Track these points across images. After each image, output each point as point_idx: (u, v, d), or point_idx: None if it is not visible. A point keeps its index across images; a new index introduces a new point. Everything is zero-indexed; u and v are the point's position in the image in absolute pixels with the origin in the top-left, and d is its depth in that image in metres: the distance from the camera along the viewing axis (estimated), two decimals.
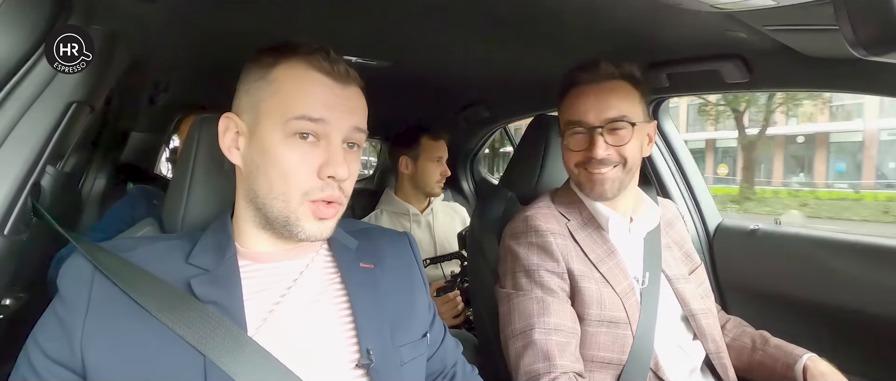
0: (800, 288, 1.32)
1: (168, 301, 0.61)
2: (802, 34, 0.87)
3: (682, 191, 1.63)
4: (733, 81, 1.12)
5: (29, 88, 0.69)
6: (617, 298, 0.95)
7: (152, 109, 1.67)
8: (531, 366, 0.89)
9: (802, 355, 0.98)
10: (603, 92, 0.98)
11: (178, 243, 0.69)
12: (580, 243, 1.00)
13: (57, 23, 0.69)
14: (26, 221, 0.77)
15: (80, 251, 0.63)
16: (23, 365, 0.59)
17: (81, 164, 1.60)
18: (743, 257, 1.47)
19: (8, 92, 0.68)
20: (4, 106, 0.67)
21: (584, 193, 1.04)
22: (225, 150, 0.69)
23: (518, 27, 1.06)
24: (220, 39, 1.20)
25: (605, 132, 0.96)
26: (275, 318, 0.66)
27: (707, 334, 1.01)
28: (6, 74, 0.67)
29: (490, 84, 1.73)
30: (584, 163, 0.99)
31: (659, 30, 1.02)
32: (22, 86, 0.68)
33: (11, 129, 0.68)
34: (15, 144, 0.68)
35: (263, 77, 0.67)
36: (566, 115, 1.02)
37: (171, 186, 0.81)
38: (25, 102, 0.69)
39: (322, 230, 0.68)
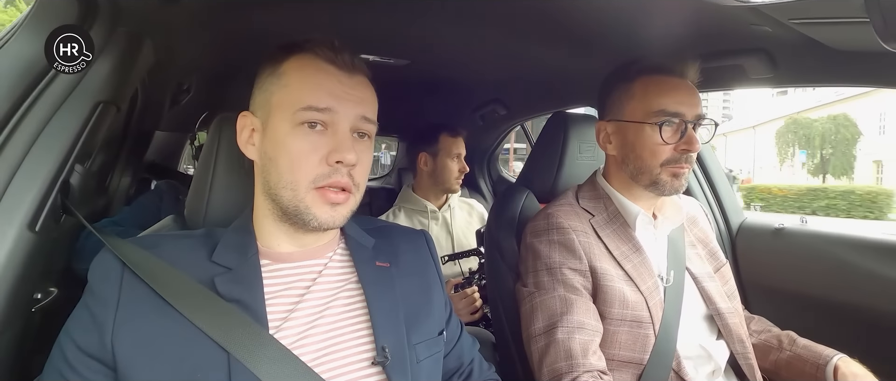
0: (827, 288, 1.29)
1: (193, 298, 0.62)
2: (830, 27, 0.84)
3: (704, 188, 1.61)
4: (757, 76, 1.09)
5: (58, 88, 0.71)
6: (640, 297, 0.93)
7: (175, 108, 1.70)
8: (554, 365, 0.88)
9: (833, 355, 0.96)
10: (690, 86, 0.96)
11: (201, 240, 0.70)
12: (604, 240, 0.98)
13: (84, 25, 0.71)
14: (56, 217, 0.79)
15: (108, 248, 0.65)
16: (57, 357, 0.61)
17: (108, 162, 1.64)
18: (767, 256, 1.44)
19: (39, 93, 0.70)
20: (35, 106, 0.70)
21: (655, 189, 0.97)
22: (242, 146, 0.72)
23: (537, 25, 1.05)
24: (240, 40, 1.22)
25: (696, 127, 0.94)
26: (294, 317, 0.67)
27: (733, 334, 0.99)
28: (37, 76, 0.69)
29: (507, 82, 1.72)
30: (674, 159, 0.94)
31: (682, 25, 1.00)
32: (51, 87, 0.70)
33: (42, 128, 0.70)
34: (46, 143, 0.71)
35: (274, 73, 0.70)
36: (655, 104, 0.94)
37: (193, 183, 0.82)
38: (55, 102, 0.71)
39: (335, 218, 0.68)
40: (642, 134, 0.95)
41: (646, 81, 0.97)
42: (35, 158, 0.70)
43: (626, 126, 0.98)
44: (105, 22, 0.72)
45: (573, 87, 1.57)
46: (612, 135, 1.02)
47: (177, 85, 1.55)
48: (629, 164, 0.98)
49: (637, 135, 0.96)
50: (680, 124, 0.93)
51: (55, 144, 0.71)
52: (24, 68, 0.68)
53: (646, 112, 0.95)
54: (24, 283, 0.72)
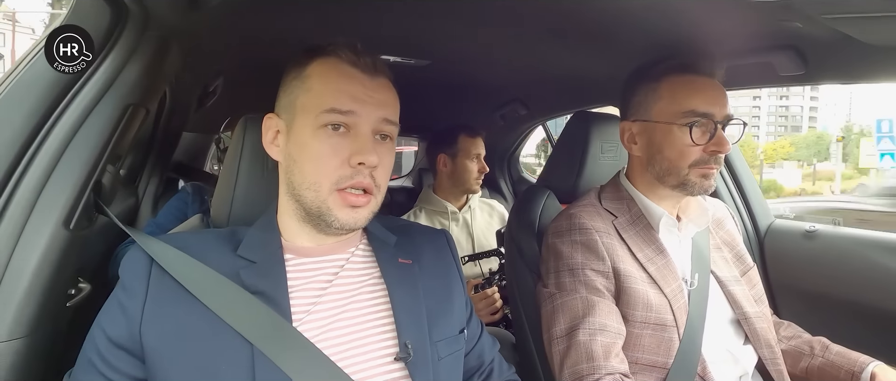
0: (861, 292, 1.24)
1: (218, 291, 0.64)
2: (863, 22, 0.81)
3: (732, 189, 1.57)
4: (787, 73, 1.06)
5: (90, 92, 0.73)
6: (664, 300, 0.92)
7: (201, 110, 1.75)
8: (575, 367, 0.86)
9: (869, 362, 0.92)
10: (718, 86, 0.95)
11: (227, 236, 0.72)
12: (627, 242, 0.96)
13: (115, 31, 0.74)
14: (89, 216, 0.82)
15: (138, 244, 0.67)
16: (89, 349, 0.64)
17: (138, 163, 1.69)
18: (797, 259, 1.40)
19: (72, 96, 0.72)
20: (69, 109, 0.72)
21: (683, 189, 0.95)
22: (267, 147, 0.74)
23: (558, 24, 1.04)
24: (263, 43, 1.24)
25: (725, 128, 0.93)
26: (317, 310, 0.68)
27: (761, 339, 0.96)
28: (70, 81, 0.72)
29: (528, 81, 1.70)
30: (703, 160, 0.92)
31: (709, 23, 0.98)
32: (84, 91, 0.73)
33: (76, 131, 0.73)
34: (79, 145, 0.73)
35: (298, 76, 0.72)
36: (684, 104, 0.92)
37: (219, 183, 0.84)
38: (88, 105, 0.73)
39: (356, 219, 0.70)
40: (671, 135, 0.93)
41: (673, 80, 0.95)
42: (69, 159, 0.72)
43: (654, 126, 0.96)
44: (135, 27, 0.74)
45: (595, 86, 1.54)
46: (637, 135, 1.00)
47: (203, 88, 1.59)
48: (656, 165, 0.97)
49: (665, 136, 0.94)
50: (709, 125, 0.91)
51: (88, 145, 0.74)
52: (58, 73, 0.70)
53: (675, 113, 0.93)
54: (58, 279, 0.74)
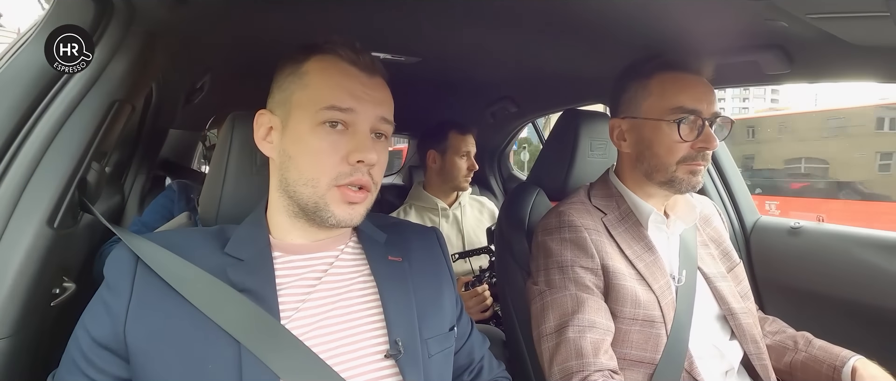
0: (844, 288, 1.27)
1: (205, 289, 0.64)
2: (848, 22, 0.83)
3: (719, 187, 1.59)
4: (773, 72, 1.07)
5: (75, 88, 0.72)
6: (653, 296, 0.93)
7: (189, 107, 1.72)
8: (564, 364, 0.87)
9: (850, 356, 0.94)
10: (706, 83, 0.96)
11: (214, 234, 0.72)
12: (616, 239, 0.97)
13: (100, 25, 0.72)
14: (74, 214, 0.81)
15: (123, 243, 0.66)
16: (73, 350, 0.63)
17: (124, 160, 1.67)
18: (782, 256, 1.42)
19: (56, 92, 0.71)
20: (52, 106, 0.71)
21: (670, 186, 0.96)
22: (259, 143, 0.73)
23: (549, 22, 1.05)
24: (252, 40, 1.22)
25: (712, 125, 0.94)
26: (306, 307, 0.68)
27: (746, 334, 0.97)
28: (54, 76, 0.71)
29: (519, 79, 1.71)
30: (690, 157, 0.93)
31: (698, 21, 0.99)
32: (68, 86, 0.72)
33: (60, 127, 0.71)
34: (63, 141, 0.72)
35: (295, 72, 0.71)
36: (673, 101, 0.93)
37: (207, 180, 0.83)
38: (72, 101, 0.72)
39: (352, 216, 0.70)
40: (659, 131, 0.94)
41: (663, 77, 0.96)
42: (53, 156, 0.71)
43: (643, 123, 0.97)
44: (120, 22, 0.73)
45: (585, 84, 1.55)
46: (626, 132, 1.01)
47: (190, 84, 1.57)
48: (645, 161, 0.98)
49: (654, 132, 0.95)
50: (697, 121, 0.93)
51: (72, 142, 0.73)
52: (41, 68, 0.69)
53: (663, 109, 0.94)
54: (42, 278, 0.73)
